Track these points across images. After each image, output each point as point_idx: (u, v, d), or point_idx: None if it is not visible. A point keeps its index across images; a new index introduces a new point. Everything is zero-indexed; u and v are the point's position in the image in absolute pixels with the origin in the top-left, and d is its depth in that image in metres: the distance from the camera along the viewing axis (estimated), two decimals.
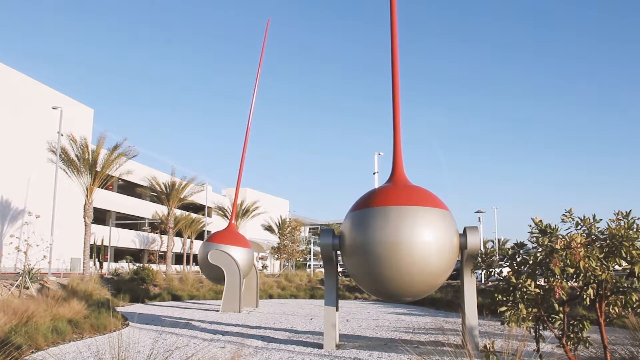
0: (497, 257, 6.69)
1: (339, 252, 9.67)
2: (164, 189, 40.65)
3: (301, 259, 61.86)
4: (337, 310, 9.67)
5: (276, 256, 56.50)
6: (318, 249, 51.16)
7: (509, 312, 5.89)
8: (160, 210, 49.78)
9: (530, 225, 5.95)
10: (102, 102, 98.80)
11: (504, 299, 5.98)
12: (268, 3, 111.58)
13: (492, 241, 69.48)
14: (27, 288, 15.93)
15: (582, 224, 5.75)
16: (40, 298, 13.99)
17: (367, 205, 9.03)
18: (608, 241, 5.57)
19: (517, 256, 6.19)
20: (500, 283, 6.17)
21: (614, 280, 5.56)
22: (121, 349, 5.36)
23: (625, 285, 5.59)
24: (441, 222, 8.80)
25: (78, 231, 34.01)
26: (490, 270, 6.42)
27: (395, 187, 9.55)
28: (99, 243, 44.84)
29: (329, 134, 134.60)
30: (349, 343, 10.04)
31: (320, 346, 9.53)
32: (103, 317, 12.20)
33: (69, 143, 27.54)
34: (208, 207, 53.50)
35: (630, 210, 5.62)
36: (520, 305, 5.83)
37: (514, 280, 5.89)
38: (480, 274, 7.70)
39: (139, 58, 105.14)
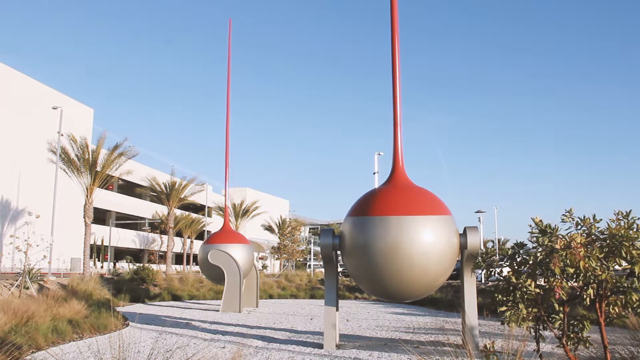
0: (497, 257, 6.69)
1: (339, 252, 9.65)
2: (164, 189, 40.62)
3: (301, 259, 61.83)
4: (337, 310, 9.67)
5: (276, 256, 56.49)
6: (318, 249, 51.16)
7: (509, 312, 5.90)
8: (160, 210, 49.76)
9: (530, 225, 5.96)
10: (102, 102, 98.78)
11: (504, 299, 5.99)
12: (270, 3, 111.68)
13: (492, 241, 69.45)
14: (27, 288, 15.94)
15: (582, 224, 5.76)
16: (40, 298, 13.98)
17: (367, 213, 8.94)
18: (608, 241, 5.58)
19: (517, 256, 6.20)
20: (500, 283, 6.18)
21: (614, 280, 5.56)
22: (121, 349, 5.37)
23: (625, 285, 5.60)
24: (441, 228, 8.75)
25: (78, 231, 34.02)
26: (491, 270, 6.42)
27: (395, 190, 9.40)
28: (99, 243, 44.85)
29: (329, 133, 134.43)
30: (349, 343, 10.04)
31: (320, 346, 9.53)
32: (103, 317, 12.20)
33: (69, 143, 27.51)
34: (208, 207, 53.51)
35: (630, 210, 5.63)
36: (520, 305, 5.83)
37: (514, 280, 5.89)
38: (480, 274, 7.71)
39: (139, 58, 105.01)
